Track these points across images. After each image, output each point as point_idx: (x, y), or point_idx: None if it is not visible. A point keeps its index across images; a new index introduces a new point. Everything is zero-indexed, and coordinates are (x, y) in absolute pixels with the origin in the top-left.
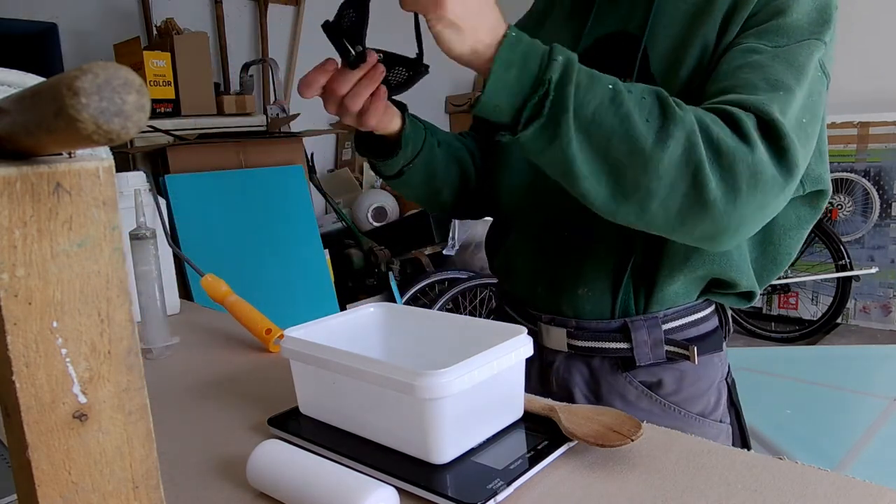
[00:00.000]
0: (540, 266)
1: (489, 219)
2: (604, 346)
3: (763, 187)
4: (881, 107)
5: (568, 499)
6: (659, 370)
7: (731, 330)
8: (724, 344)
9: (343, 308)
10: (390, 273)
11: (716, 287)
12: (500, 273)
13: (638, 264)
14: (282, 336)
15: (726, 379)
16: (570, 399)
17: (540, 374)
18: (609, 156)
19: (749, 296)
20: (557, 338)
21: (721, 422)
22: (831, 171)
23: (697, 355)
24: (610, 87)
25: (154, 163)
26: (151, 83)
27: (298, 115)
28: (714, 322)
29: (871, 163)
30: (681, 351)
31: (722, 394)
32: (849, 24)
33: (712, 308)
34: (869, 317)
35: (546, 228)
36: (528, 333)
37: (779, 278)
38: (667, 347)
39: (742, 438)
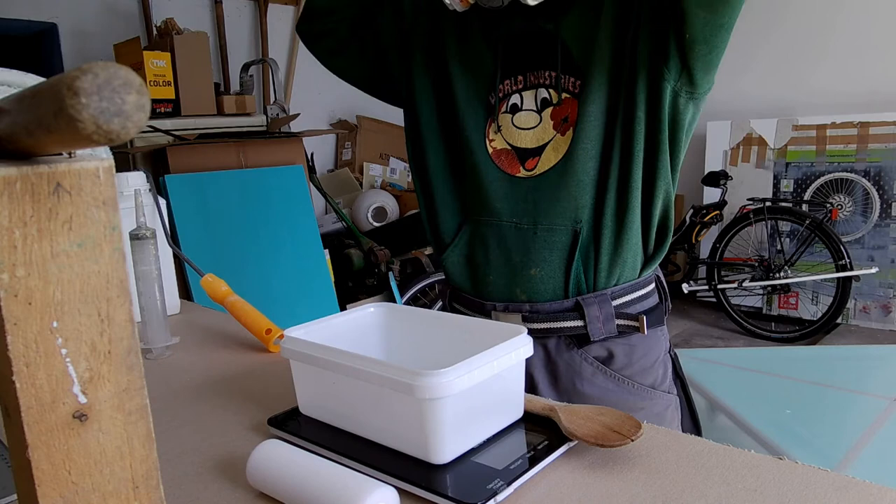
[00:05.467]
0: (491, 256)
1: None
2: (559, 326)
3: None
4: (881, 107)
5: (568, 499)
6: (610, 344)
7: (671, 306)
8: (665, 318)
9: (343, 308)
10: (390, 273)
11: (647, 237)
12: (453, 268)
13: (584, 241)
14: (282, 336)
15: (670, 353)
16: (531, 381)
17: None
18: None
19: (665, 226)
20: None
21: (669, 392)
22: (831, 172)
23: (647, 327)
24: None
25: (154, 163)
26: (151, 83)
27: (298, 115)
28: (656, 297)
29: (871, 163)
30: (631, 323)
31: (668, 366)
32: (849, 24)
33: (653, 285)
34: (869, 317)
35: (494, 222)
36: None
37: (779, 278)
38: (618, 321)
39: (689, 408)
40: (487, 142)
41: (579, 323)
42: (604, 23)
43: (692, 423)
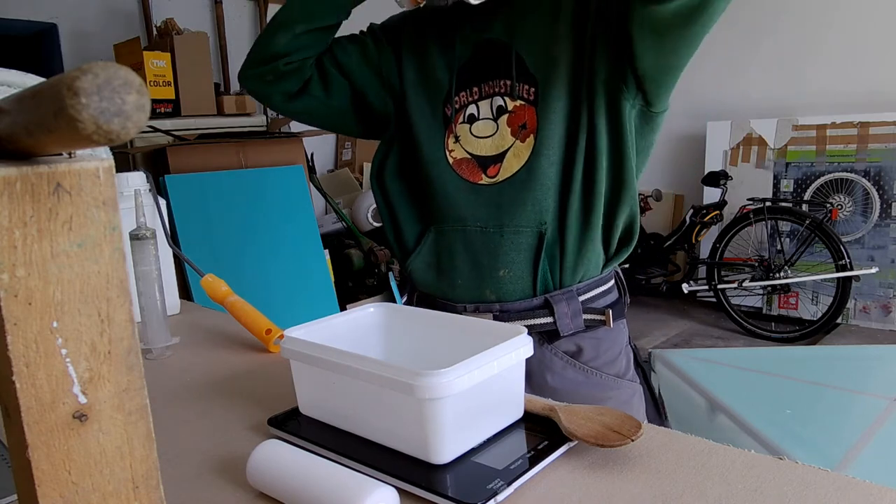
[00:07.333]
0: (458, 261)
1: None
2: (530, 323)
3: None
4: (881, 107)
5: (568, 499)
6: (578, 339)
7: (629, 300)
8: (625, 312)
9: (343, 308)
10: (390, 273)
11: (609, 237)
12: (419, 274)
13: (550, 241)
14: (282, 336)
15: (630, 343)
16: None
17: None
18: None
19: (632, 225)
20: None
21: (633, 381)
22: (831, 172)
23: (612, 320)
24: None
25: (154, 163)
26: (151, 83)
27: None
28: (616, 292)
29: (871, 163)
30: (597, 317)
31: (629, 356)
32: (848, 24)
33: (613, 281)
34: (869, 317)
35: (459, 228)
36: None
37: (779, 278)
38: (585, 316)
39: (651, 395)
40: (447, 152)
41: (549, 319)
42: (560, 34)
43: (655, 410)
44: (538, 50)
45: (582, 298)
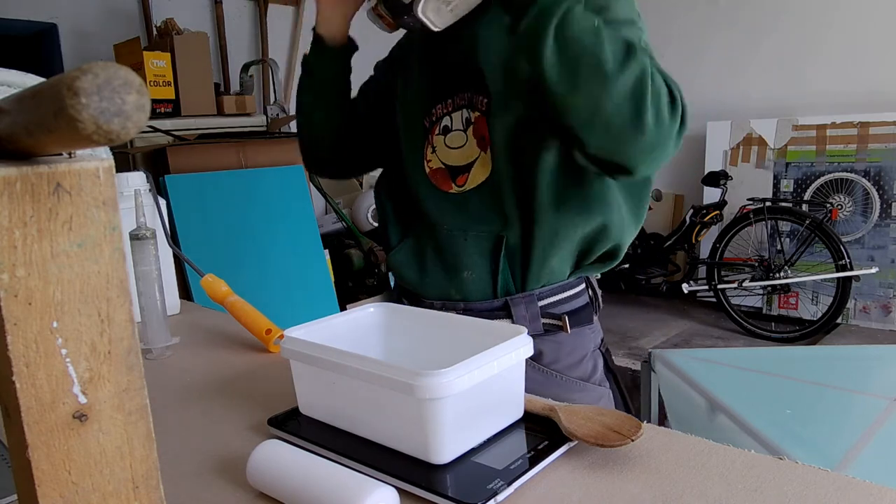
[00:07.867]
0: (429, 260)
1: None
2: None
3: (674, 133)
4: (881, 107)
5: (568, 499)
6: (538, 342)
7: (601, 305)
8: (596, 318)
9: (343, 308)
10: (390, 273)
11: (585, 256)
12: (397, 268)
13: (511, 247)
14: (282, 336)
15: (600, 348)
16: None
17: None
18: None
19: (614, 254)
20: None
21: (601, 385)
22: (831, 172)
23: (570, 326)
24: (596, 22)
25: (154, 163)
26: (151, 83)
27: None
28: (585, 298)
29: (871, 163)
30: (555, 322)
31: (598, 361)
32: (848, 24)
33: (583, 286)
34: (869, 317)
35: (431, 229)
36: None
37: (779, 278)
38: (543, 320)
39: (623, 400)
40: (425, 163)
41: (507, 321)
42: (512, 48)
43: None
44: (493, 63)
45: (542, 303)
